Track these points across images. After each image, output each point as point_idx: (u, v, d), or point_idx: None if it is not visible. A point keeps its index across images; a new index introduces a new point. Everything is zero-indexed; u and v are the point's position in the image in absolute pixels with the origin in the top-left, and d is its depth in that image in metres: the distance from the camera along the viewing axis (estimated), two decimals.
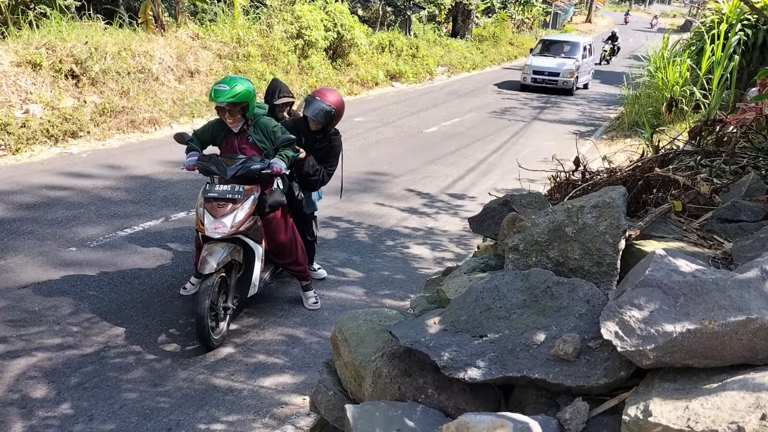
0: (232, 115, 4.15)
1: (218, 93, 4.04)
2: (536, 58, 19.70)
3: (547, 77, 18.73)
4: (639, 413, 1.39)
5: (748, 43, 10.58)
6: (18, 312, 4.35)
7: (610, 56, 29.56)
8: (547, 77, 18.72)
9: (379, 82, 17.27)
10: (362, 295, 5.07)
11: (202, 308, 3.83)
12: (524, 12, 34.66)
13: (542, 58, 19.55)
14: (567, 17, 46.55)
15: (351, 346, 2.16)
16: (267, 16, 14.99)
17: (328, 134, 4.70)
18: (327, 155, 4.71)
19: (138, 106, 10.28)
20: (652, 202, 2.74)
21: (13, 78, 9.03)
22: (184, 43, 12.41)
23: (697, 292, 1.51)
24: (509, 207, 2.70)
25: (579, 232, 2.03)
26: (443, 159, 9.94)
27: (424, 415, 1.68)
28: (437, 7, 24.72)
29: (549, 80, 18.70)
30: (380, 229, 6.57)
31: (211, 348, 4.05)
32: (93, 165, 8.01)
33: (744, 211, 2.42)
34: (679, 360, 1.46)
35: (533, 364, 1.65)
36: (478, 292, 1.97)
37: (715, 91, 10.12)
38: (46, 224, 5.89)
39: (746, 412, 1.28)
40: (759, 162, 3.10)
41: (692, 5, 56.25)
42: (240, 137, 4.26)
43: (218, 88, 4.07)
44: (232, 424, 3.45)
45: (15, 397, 3.49)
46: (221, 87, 4.08)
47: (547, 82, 18.72)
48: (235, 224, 4.00)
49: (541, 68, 19.00)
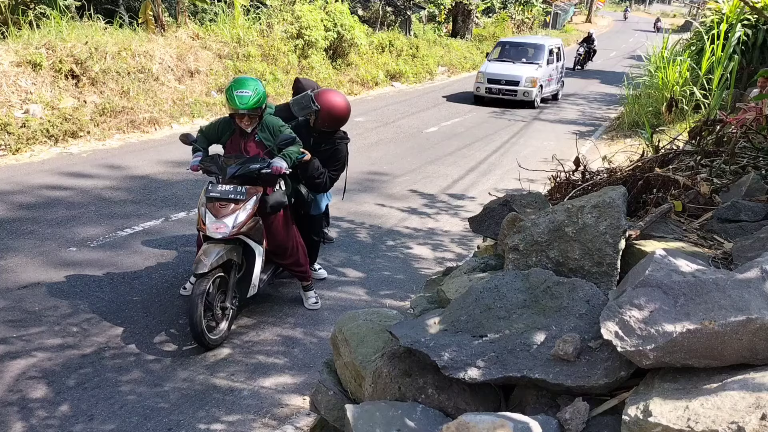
0: (252, 118, 4.14)
1: (243, 99, 3.96)
2: (492, 64, 16.57)
3: (504, 87, 15.65)
4: (639, 413, 1.39)
5: (748, 43, 10.58)
6: (18, 312, 4.35)
7: (585, 60, 26.38)
8: (505, 87, 15.64)
9: (379, 82, 17.27)
10: (362, 295, 5.07)
11: (195, 309, 3.82)
12: (524, 12, 34.66)
13: (499, 64, 16.45)
14: (567, 17, 46.54)
15: (351, 346, 2.16)
16: (267, 16, 14.99)
17: (334, 137, 4.70)
18: (330, 158, 4.71)
19: (138, 106, 10.28)
20: (652, 202, 2.74)
21: (13, 78, 9.03)
22: (184, 43, 12.41)
23: (697, 292, 1.51)
24: (509, 207, 2.71)
25: (579, 232, 2.03)
26: (443, 159, 9.94)
27: (424, 415, 1.69)
28: (437, 7, 24.72)
29: (507, 90, 15.62)
30: (381, 229, 6.57)
31: (209, 348, 4.05)
32: (93, 165, 8.01)
33: (744, 211, 2.42)
34: (679, 360, 1.46)
35: (533, 364, 1.65)
36: (478, 292, 1.97)
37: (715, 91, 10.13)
38: (46, 224, 5.89)
39: (746, 412, 1.28)
40: (759, 162, 3.10)
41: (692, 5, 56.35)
42: (246, 136, 4.25)
43: (241, 94, 3.97)
44: (232, 424, 3.45)
45: (15, 397, 3.49)
46: (244, 93, 3.98)
47: (505, 92, 15.65)
48: (237, 225, 4.00)
49: (497, 76, 15.85)
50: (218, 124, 4.41)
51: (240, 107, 3.99)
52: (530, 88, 15.63)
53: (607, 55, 31.92)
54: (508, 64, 16.38)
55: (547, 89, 16.69)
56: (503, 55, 17.13)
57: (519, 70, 15.95)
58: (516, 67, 16.19)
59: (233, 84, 4.09)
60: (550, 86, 16.92)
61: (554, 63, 17.05)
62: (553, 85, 17.29)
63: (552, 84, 17.09)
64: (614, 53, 32.74)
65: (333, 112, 4.55)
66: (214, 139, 4.39)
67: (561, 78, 18.10)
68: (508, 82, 15.68)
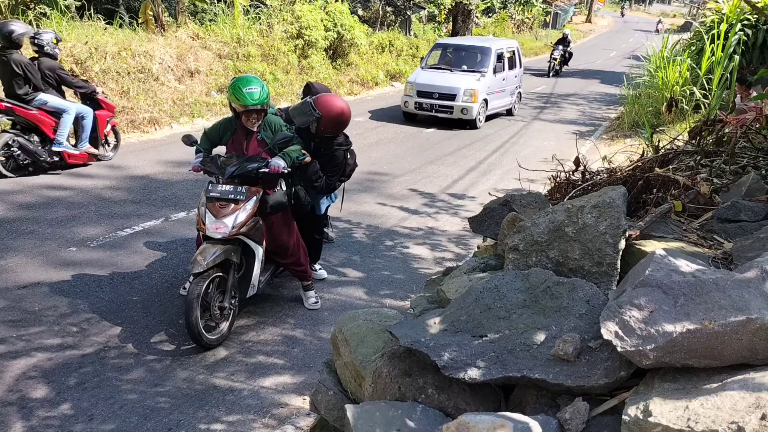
0: (259, 115, 4.15)
1: (254, 96, 4.00)
2: (425, 72, 13.26)
3: (437, 101, 12.43)
4: (639, 413, 1.39)
5: (748, 43, 10.59)
6: (18, 312, 4.35)
7: (560, 65, 23.09)
8: (438, 101, 12.42)
9: (379, 82, 17.28)
10: (362, 295, 5.07)
11: (191, 309, 3.82)
12: (524, 12, 34.67)
13: (433, 73, 13.13)
14: (567, 17, 46.58)
15: (351, 346, 2.16)
16: (267, 16, 15.00)
17: (333, 143, 4.69)
18: (328, 164, 4.71)
19: (138, 106, 10.28)
20: (652, 202, 2.74)
21: None
22: (184, 43, 12.41)
23: (697, 292, 1.51)
24: (509, 207, 2.71)
25: (579, 232, 2.03)
26: (443, 159, 9.94)
27: (424, 415, 1.69)
28: (437, 7, 24.72)
29: (441, 107, 12.43)
30: (380, 229, 6.57)
31: (207, 348, 4.05)
32: (93, 165, 8.00)
33: (744, 211, 2.42)
34: (679, 360, 1.46)
35: (533, 364, 1.65)
36: (478, 292, 1.97)
37: (715, 91, 10.13)
38: (46, 224, 5.89)
39: (746, 412, 1.28)
40: (759, 162, 3.10)
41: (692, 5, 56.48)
42: (248, 135, 4.27)
43: (251, 90, 4.00)
44: (232, 424, 3.45)
45: (15, 397, 3.49)
46: (252, 89, 4.01)
47: (439, 108, 12.45)
48: (237, 225, 4.00)
49: (429, 88, 12.53)
50: (220, 124, 4.44)
51: (252, 103, 4.02)
52: (469, 104, 12.32)
53: (607, 55, 31.91)
54: (445, 73, 13.08)
55: (495, 104, 13.39)
56: (442, 61, 14.01)
57: (456, 81, 12.58)
58: (453, 76, 12.87)
59: (238, 82, 4.10)
60: (499, 100, 13.63)
61: (505, 71, 13.71)
62: (505, 99, 13.95)
63: (503, 97, 13.82)
64: (614, 53, 32.74)
65: (334, 117, 4.52)
66: (217, 140, 4.41)
67: (518, 89, 14.77)
68: (442, 96, 12.42)
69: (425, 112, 12.65)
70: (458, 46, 14.25)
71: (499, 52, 13.59)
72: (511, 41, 15.73)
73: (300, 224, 4.67)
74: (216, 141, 4.41)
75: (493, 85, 13.22)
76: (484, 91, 12.70)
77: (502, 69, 13.60)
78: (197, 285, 3.87)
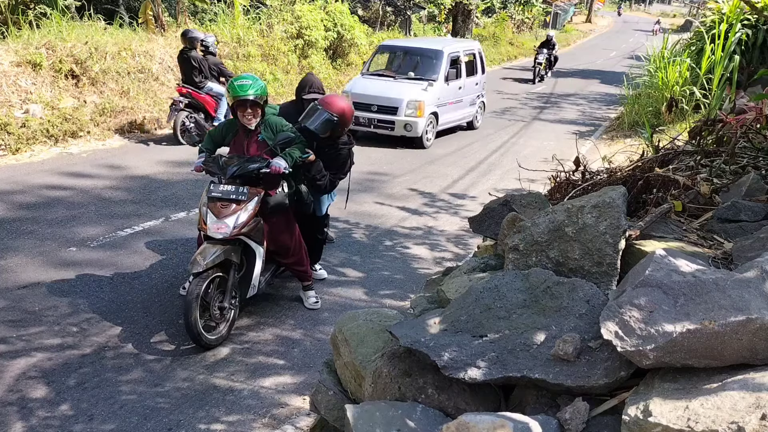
0: (254, 109, 4.17)
1: (244, 87, 4.06)
2: (364, 80, 11.17)
3: (376, 115, 10.39)
4: (639, 413, 1.39)
5: (748, 43, 10.58)
6: (18, 312, 4.35)
7: (546, 70, 21.20)
8: (377, 115, 10.38)
9: None
10: (362, 295, 5.07)
11: (190, 309, 3.83)
12: (524, 12, 34.65)
13: (374, 81, 10.99)
14: (567, 17, 46.56)
15: (351, 346, 2.16)
16: (267, 16, 15.00)
17: (337, 142, 4.70)
18: (332, 162, 4.72)
19: (138, 106, 10.28)
20: (652, 202, 2.74)
21: (13, 78, 9.03)
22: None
23: (697, 292, 1.51)
24: (509, 207, 2.71)
25: (579, 232, 2.03)
26: (443, 159, 9.94)
27: (424, 415, 1.69)
28: (437, 7, 24.72)
29: (381, 121, 10.39)
30: (380, 228, 6.57)
31: (206, 347, 4.05)
32: (93, 165, 8.01)
33: (744, 211, 2.42)
34: (679, 360, 1.46)
35: (533, 364, 1.65)
36: (478, 292, 1.97)
37: (715, 91, 10.12)
38: (46, 224, 5.89)
39: (746, 412, 1.28)
40: (759, 162, 3.10)
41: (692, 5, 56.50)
42: (249, 136, 4.28)
43: (242, 83, 4.08)
44: (232, 424, 3.44)
45: (15, 397, 3.49)
46: (244, 82, 4.10)
47: (378, 124, 10.42)
48: (238, 225, 4.00)
49: (366, 99, 10.42)
50: (223, 125, 4.50)
51: (241, 94, 4.07)
52: (414, 119, 10.23)
53: (608, 55, 31.90)
54: (387, 82, 10.92)
55: (448, 117, 11.29)
56: (386, 67, 11.96)
57: (399, 91, 10.49)
58: (397, 85, 10.71)
59: (234, 79, 4.24)
60: (454, 113, 11.52)
61: (462, 78, 11.55)
62: (462, 111, 11.84)
63: (459, 109, 11.68)
64: (614, 53, 32.73)
65: (347, 117, 4.63)
66: (220, 141, 4.46)
67: (480, 99, 12.52)
68: (382, 109, 10.37)
69: (362, 128, 10.39)
70: (404, 49, 12.15)
71: (453, 57, 11.35)
72: (472, 43, 13.33)
73: (301, 224, 4.68)
74: (219, 142, 4.45)
75: (445, 96, 11.03)
76: (433, 103, 10.61)
77: (458, 76, 11.42)
78: (197, 285, 3.87)
